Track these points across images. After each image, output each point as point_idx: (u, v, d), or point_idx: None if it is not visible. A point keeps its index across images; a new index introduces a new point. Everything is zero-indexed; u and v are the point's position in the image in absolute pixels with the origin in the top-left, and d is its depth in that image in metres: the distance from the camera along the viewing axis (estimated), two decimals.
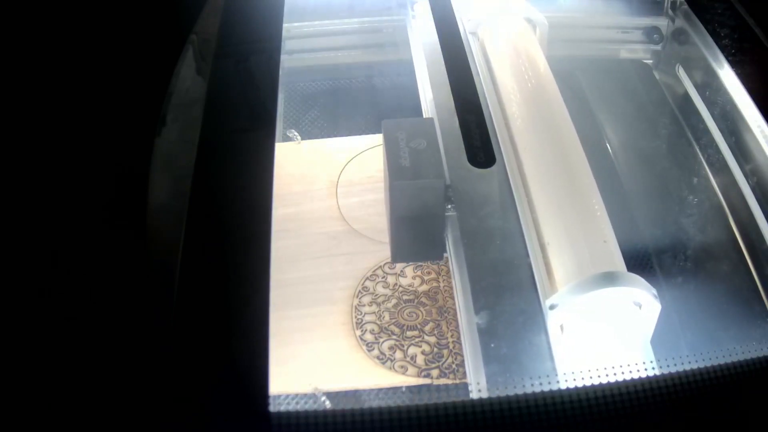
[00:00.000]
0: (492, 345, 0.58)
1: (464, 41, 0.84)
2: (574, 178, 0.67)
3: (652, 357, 0.57)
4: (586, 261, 0.60)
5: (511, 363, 0.57)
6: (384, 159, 0.72)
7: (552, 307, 0.58)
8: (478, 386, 0.55)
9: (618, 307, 0.58)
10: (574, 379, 0.51)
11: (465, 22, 0.88)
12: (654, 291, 0.57)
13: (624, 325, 0.58)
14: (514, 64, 0.81)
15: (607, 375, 0.51)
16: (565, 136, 0.71)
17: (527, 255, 0.64)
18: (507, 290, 0.62)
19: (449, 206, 0.69)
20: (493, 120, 0.75)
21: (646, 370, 0.51)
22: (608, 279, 0.57)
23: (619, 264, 0.60)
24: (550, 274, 0.61)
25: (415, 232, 0.72)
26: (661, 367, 0.52)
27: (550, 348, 0.58)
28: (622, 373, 0.51)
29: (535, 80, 0.79)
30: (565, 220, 0.64)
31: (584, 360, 0.56)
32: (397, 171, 0.68)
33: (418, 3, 0.95)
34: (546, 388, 0.50)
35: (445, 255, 0.73)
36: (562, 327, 0.58)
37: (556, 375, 0.53)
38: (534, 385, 0.50)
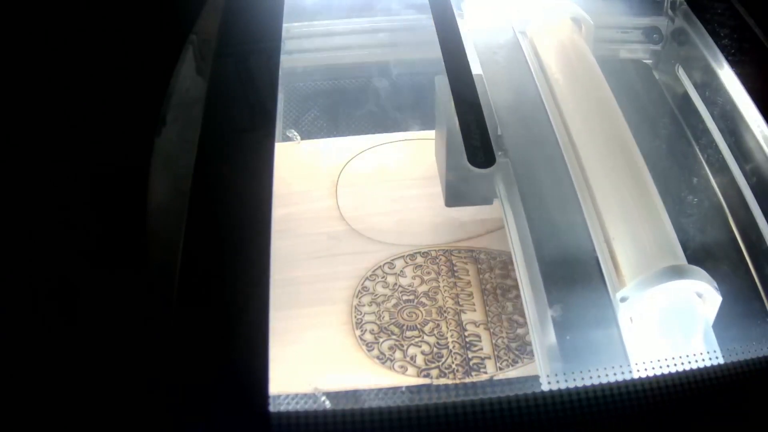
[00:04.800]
0: (566, 336, 0.60)
1: (514, 39, 0.87)
2: (634, 174, 0.69)
3: (716, 346, 0.59)
4: (653, 254, 0.62)
5: (584, 354, 0.59)
6: (438, 113, 0.80)
7: (623, 300, 0.60)
8: (548, 378, 0.55)
9: (683, 299, 0.60)
10: (646, 369, 0.52)
11: (515, 22, 0.89)
12: (715, 284, 0.59)
13: (687, 316, 0.60)
14: (566, 62, 0.83)
15: (676, 364, 0.52)
16: (621, 132, 0.73)
17: (590, 247, 0.66)
18: (576, 282, 0.64)
19: (500, 153, 0.73)
20: (550, 117, 0.77)
21: (711, 359, 0.53)
22: (676, 272, 0.59)
23: (681, 257, 0.62)
24: (617, 268, 0.63)
25: (468, 178, 0.77)
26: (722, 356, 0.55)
27: (621, 339, 0.60)
28: (690, 362, 0.53)
29: (588, 78, 0.80)
30: (629, 214, 0.66)
31: (653, 350, 0.58)
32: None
33: (465, 1, 0.95)
34: (621, 378, 0.51)
35: (495, 200, 0.77)
36: (631, 318, 0.60)
37: (629, 365, 0.54)
38: (609, 375, 0.52)
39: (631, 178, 0.68)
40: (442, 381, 0.71)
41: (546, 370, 0.62)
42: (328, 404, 0.68)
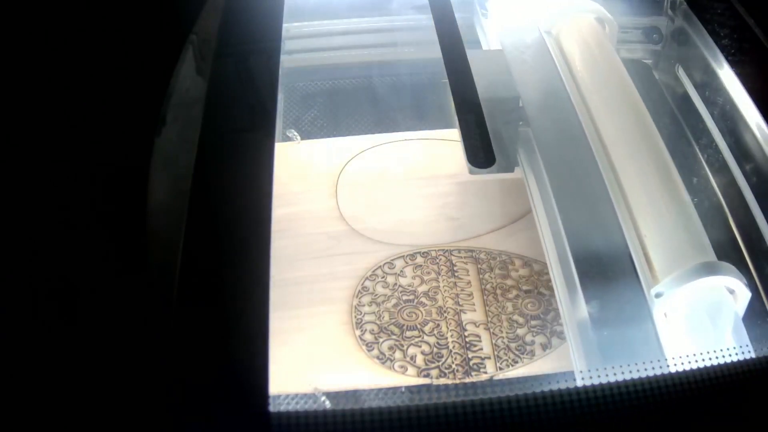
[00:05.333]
0: (601, 332, 0.62)
1: (540, 39, 0.88)
2: (662, 172, 0.70)
3: (747, 341, 0.60)
4: (685, 251, 0.63)
5: (620, 349, 0.61)
6: None
7: (658, 296, 0.61)
8: (581, 373, 0.56)
9: (715, 294, 0.61)
10: (682, 363, 0.53)
11: (539, 22, 0.90)
12: (744, 280, 0.61)
13: (719, 311, 0.61)
14: (592, 61, 0.84)
15: (707, 359, 0.53)
16: (649, 130, 0.74)
17: (623, 243, 0.67)
18: (610, 278, 0.65)
19: (520, 122, 0.76)
20: (578, 113, 0.78)
21: (742, 353, 0.54)
22: (710, 268, 0.61)
23: (711, 254, 0.63)
24: (650, 264, 0.64)
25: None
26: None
27: (656, 334, 0.61)
28: (725, 356, 0.54)
29: (614, 77, 0.81)
30: (659, 211, 0.67)
31: (687, 345, 0.59)
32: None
33: (489, 1, 0.96)
34: (654, 372, 0.51)
35: (516, 168, 0.79)
36: (665, 314, 0.61)
37: (666, 360, 0.54)
38: (642, 370, 0.52)
39: (659, 176, 0.70)
40: (442, 381, 0.71)
41: (581, 365, 0.63)
42: (328, 404, 0.68)
